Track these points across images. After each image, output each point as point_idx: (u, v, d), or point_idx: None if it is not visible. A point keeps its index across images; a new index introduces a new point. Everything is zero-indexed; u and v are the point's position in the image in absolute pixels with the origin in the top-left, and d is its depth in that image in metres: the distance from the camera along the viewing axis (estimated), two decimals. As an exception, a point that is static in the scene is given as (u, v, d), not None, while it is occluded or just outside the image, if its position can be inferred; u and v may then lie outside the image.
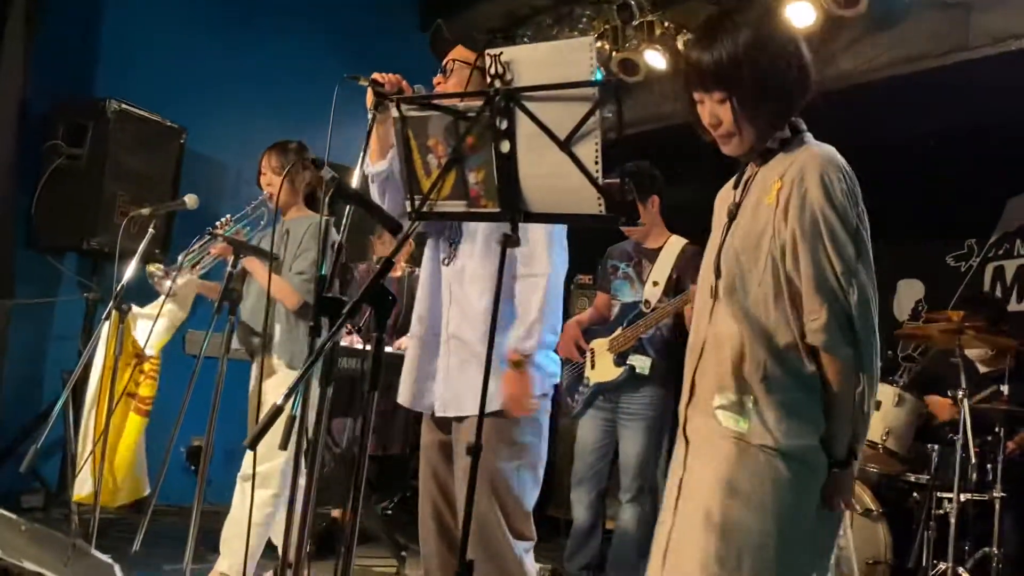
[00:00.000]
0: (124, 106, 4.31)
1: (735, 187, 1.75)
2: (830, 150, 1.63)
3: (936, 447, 3.81)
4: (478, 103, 1.49)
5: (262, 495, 3.20)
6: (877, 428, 3.77)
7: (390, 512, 5.08)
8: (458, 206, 1.57)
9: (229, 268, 2.68)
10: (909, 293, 5.96)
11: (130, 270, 3.11)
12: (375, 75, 2.34)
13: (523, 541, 2.29)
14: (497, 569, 2.22)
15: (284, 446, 2.16)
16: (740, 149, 1.66)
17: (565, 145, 1.39)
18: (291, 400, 2.15)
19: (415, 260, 5.20)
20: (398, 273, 4.89)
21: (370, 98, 2.33)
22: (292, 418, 2.16)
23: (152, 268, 2.97)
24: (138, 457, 3.33)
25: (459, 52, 2.41)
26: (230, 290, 2.65)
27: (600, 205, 1.38)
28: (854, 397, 1.56)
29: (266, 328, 2.94)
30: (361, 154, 2.34)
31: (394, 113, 1.59)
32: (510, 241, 1.47)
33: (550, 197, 1.44)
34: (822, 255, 1.55)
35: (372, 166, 2.35)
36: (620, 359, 3.51)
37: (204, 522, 4.56)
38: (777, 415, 1.57)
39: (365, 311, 4.75)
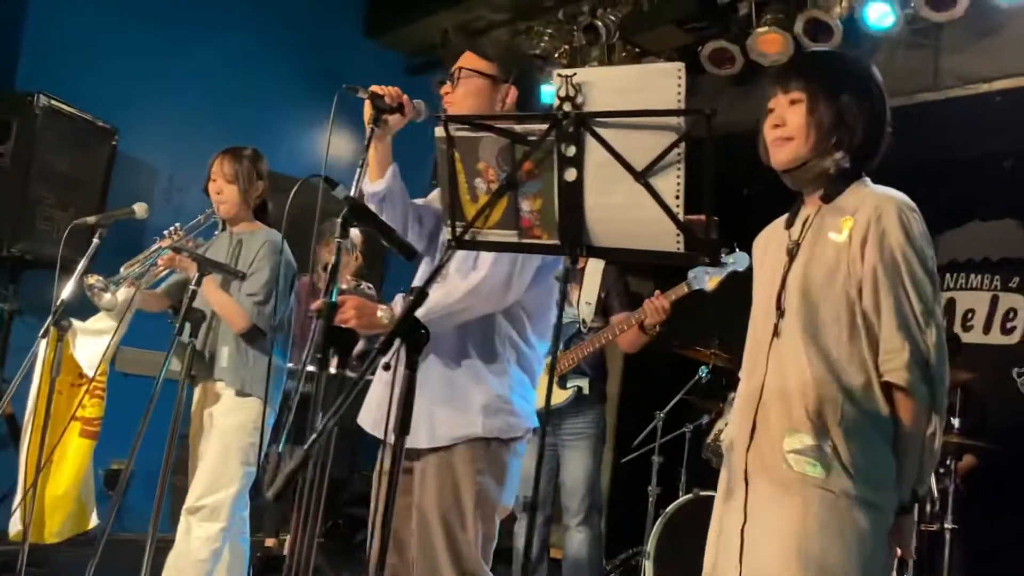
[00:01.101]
0: (54, 102, 3.99)
1: (787, 226, 1.73)
2: (900, 193, 1.65)
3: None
4: (539, 126, 1.37)
5: (209, 529, 2.97)
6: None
7: (322, 540, 4.85)
8: (508, 236, 1.44)
9: (192, 286, 2.46)
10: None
11: (71, 283, 2.84)
12: (375, 88, 2.19)
13: None
14: None
15: (276, 495, 1.99)
16: (790, 156, 1.67)
17: (642, 177, 1.28)
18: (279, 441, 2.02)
19: (361, 274, 5.00)
20: (343, 286, 4.68)
21: (368, 112, 2.18)
22: (279, 455, 2.00)
23: (91, 280, 2.70)
24: (85, 485, 3.03)
25: (468, 59, 2.28)
26: (193, 309, 2.43)
27: (679, 242, 1.28)
28: (925, 438, 1.55)
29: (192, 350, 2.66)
30: (358, 171, 2.18)
31: (439, 133, 1.45)
32: (569, 275, 1.35)
33: (619, 231, 1.33)
34: (902, 294, 1.56)
35: (371, 185, 2.19)
36: (562, 382, 3.51)
37: (120, 553, 4.26)
38: (856, 460, 1.54)
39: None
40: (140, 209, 2.98)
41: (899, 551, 1.58)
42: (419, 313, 2.02)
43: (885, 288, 1.56)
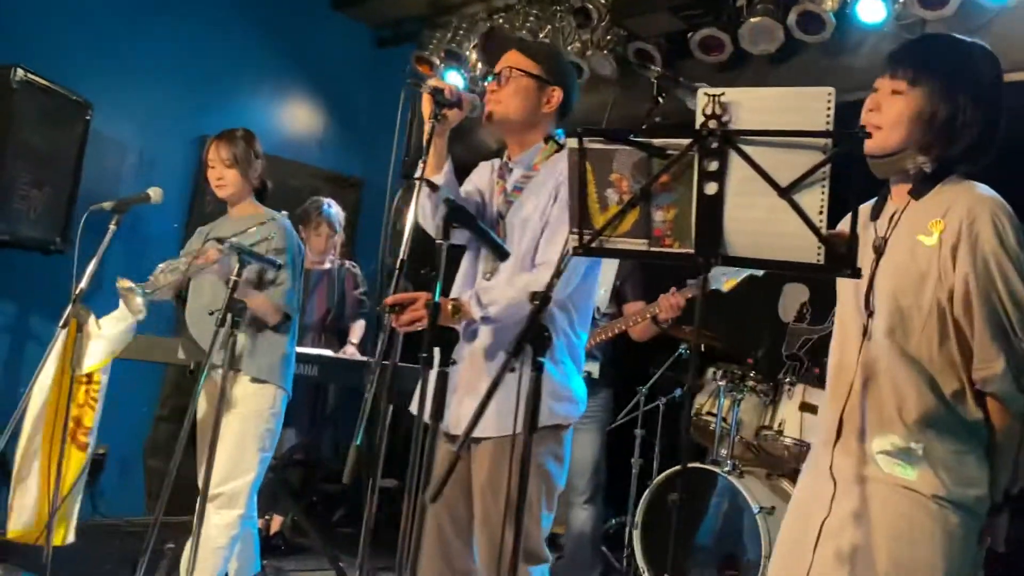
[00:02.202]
0: (30, 75, 3.81)
1: (873, 219, 1.73)
2: (995, 194, 1.62)
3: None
4: (678, 141, 1.43)
5: (228, 516, 2.98)
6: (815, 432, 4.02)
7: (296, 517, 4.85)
8: (637, 244, 1.50)
9: (234, 277, 2.43)
10: (794, 296, 6.36)
11: (89, 271, 2.77)
12: (434, 82, 2.20)
13: (540, 565, 2.25)
14: None
15: (349, 479, 2.03)
16: (875, 145, 1.64)
17: (787, 193, 1.36)
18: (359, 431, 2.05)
19: (347, 252, 4.97)
20: (326, 266, 4.64)
21: (427, 106, 2.19)
22: (357, 448, 2.03)
23: (124, 283, 2.61)
24: (75, 498, 2.95)
25: (515, 59, 2.31)
26: (235, 300, 2.40)
27: (819, 256, 1.36)
28: (1019, 444, 1.58)
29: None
30: (420, 165, 2.20)
31: (572, 144, 1.50)
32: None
33: (758, 243, 1.41)
34: (996, 303, 1.55)
35: (421, 176, 2.21)
36: None
37: (101, 540, 4.18)
38: (948, 464, 1.57)
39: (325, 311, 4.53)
40: (155, 194, 2.92)
41: (988, 541, 1.61)
42: (495, 309, 2.09)
43: (978, 297, 1.54)
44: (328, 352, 4.17)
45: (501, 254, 1.88)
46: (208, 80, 5.03)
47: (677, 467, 4.09)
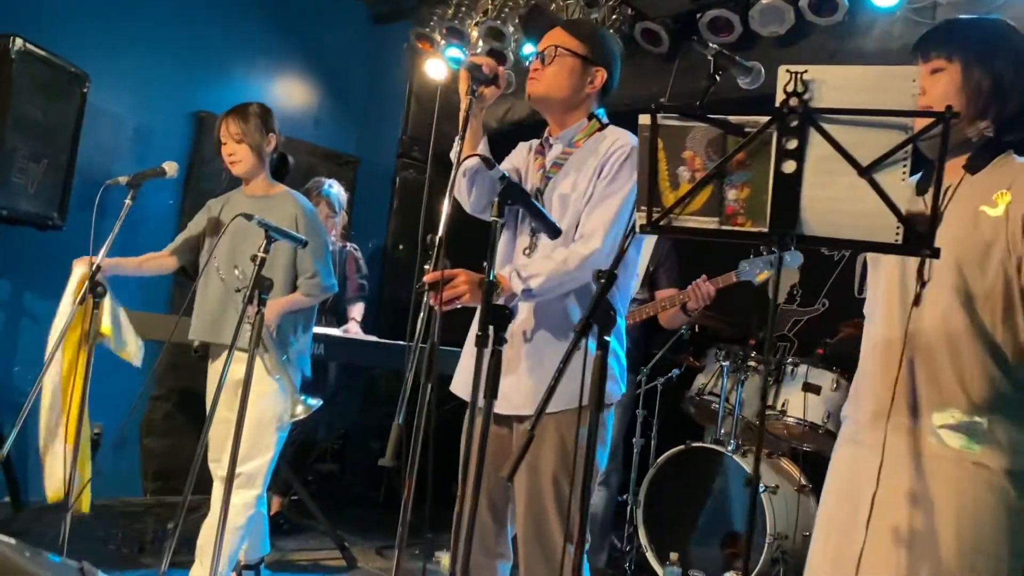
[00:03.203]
0: (29, 45, 3.70)
1: (919, 193, 1.72)
2: None
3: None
4: (756, 118, 1.43)
5: (246, 496, 2.95)
6: (819, 411, 4.07)
7: (295, 498, 4.83)
8: (708, 222, 1.49)
9: (261, 253, 2.38)
10: (785, 278, 6.40)
11: (105, 248, 2.72)
12: (473, 58, 2.17)
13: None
14: (551, 571, 2.18)
15: (391, 460, 2.01)
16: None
17: (867, 172, 1.36)
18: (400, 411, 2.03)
19: (347, 235, 4.92)
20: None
21: (464, 83, 2.16)
22: (399, 427, 2.01)
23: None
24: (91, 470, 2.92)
25: (560, 37, 2.29)
26: (262, 277, 2.36)
27: (898, 235, 1.37)
28: None
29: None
30: (456, 143, 2.17)
31: (644, 120, 1.48)
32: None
33: (835, 222, 1.40)
34: None
35: (467, 160, 2.18)
36: None
37: (102, 520, 4.12)
38: (1012, 437, 1.57)
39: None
40: (170, 168, 2.87)
41: None
42: (535, 283, 2.08)
43: None
44: (334, 331, 4.13)
45: (553, 232, 1.87)
46: (205, 55, 4.94)
47: (680, 447, 4.13)
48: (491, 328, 1.68)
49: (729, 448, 4.01)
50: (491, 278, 1.74)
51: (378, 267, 5.59)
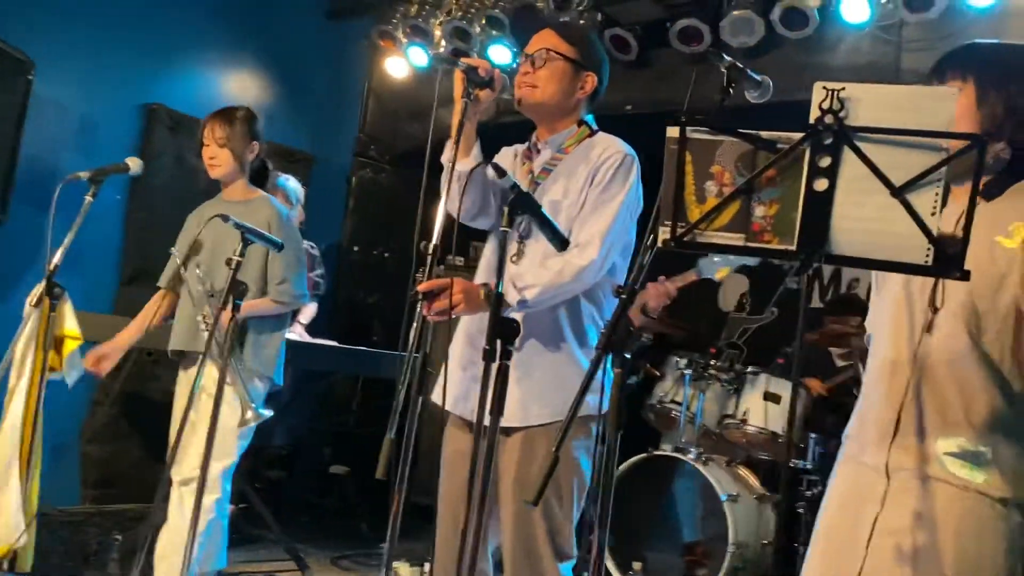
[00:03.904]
0: (-30, 28, 3.50)
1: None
2: None
3: (812, 435, 4.25)
4: (788, 134, 1.40)
5: (205, 501, 2.84)
6: (780, 420, 4.12)
7: (245, 506, 4.69)
8: (734, 239, 1.46)
9: (236, 257, 2.27)
10: (735, 287, 6.50)
11: (64, 246, 2.56)
12: (468, 59, 2.11)
13: (568, 561, 2.22)
14: None
15: (384, 474, 1.95)
16: None
17: (900, 193, 1.34)
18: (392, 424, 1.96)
19: (303, 231, 4.78)
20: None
21: (459, 85, 2.10)
22: (392, 441, 1.95)
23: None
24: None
25: (552, 40, 2.24)
26: (238, 281, 2.26)
27: (928, 257, 1.35)
28: None
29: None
30: (453, 148, 2.11)
31: (672, 133, 1.44)
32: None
33: (865, 241, 1.38)
34: None
35: (459, 164, 2.11)
36: None
37: (39, 531, 3.92)
38: (1015, 466, 1.58)
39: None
40: (134, 164, 2.74)
41: None
42: (531, 293, 2.03)
43: None
44: (294, 335, 4.01)
45: (562, 243, 1.82)
46: (156, 45, 4.74)
47: (642, 455, 4.12)
48: (499, 342, 1.62)
49: (690, 456, 4.03)
50: (499, 290, 1.68)
51: (332, 268, 5.46)
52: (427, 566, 4.07)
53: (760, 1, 3.77)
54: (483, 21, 4.51)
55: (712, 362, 4.42)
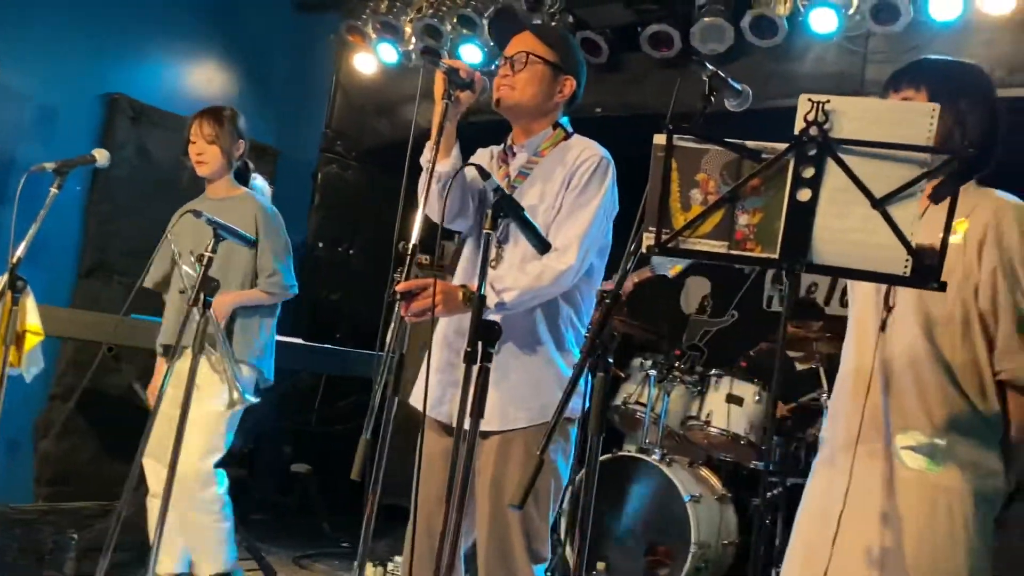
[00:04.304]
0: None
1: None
2: (1016, 199, 1.72)
3: (776, 438, 4.32)
4: (773, 145, 1.43)
5: (211, 492, 2.95)
6: (742, 423, 4.17)
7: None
8: (717, 246, 1.49)
9: (208, 252, 2.24)
10: (697, 289, 6.58)
11: (27, 240, 2.50)
12: (450, 61, 2.11)
13: (540, 563, 2.23)
14: None
15: (359, 475, 1.94)
16: None
17: (881, 205, 1.37)
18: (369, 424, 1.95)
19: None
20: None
21: (440, 86, 2.09)
22: (367, 441, 1.94)
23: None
24: None
25: (531, 43, 2.24)
26: (209, 278, 2.22)
27: (906, 267, 1.39)
28: None
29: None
30: (429, 149, 2.10)
31: (659, 140, 1.46)
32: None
33: (846, 252, 1.41)
34: (1021, 299, 1.64)
35: (439, 165, 2.10)
36: None
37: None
38: (971, 457, 1.65)
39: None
40: (101, 156, 2.69)
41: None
42: (510, 296, 2.03)
43: (1004, 291, 1.63)
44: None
45: (543, 246, 1.82)
46: (119, 34, 4.65)
47: (608, 455, 4.15)
48: (480, 344, 1.62)
49: (654, 457, 4.07)
50: (481, 292, 1.68)
51: (297, 265, 5.40)
52: (390, 565, 4.09)
53: (730, 8, 3.81)
54: (455, 20, 4.49)
55: (676, 364, 4.47)
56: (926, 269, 1.39)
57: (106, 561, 2.25)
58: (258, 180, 4.41)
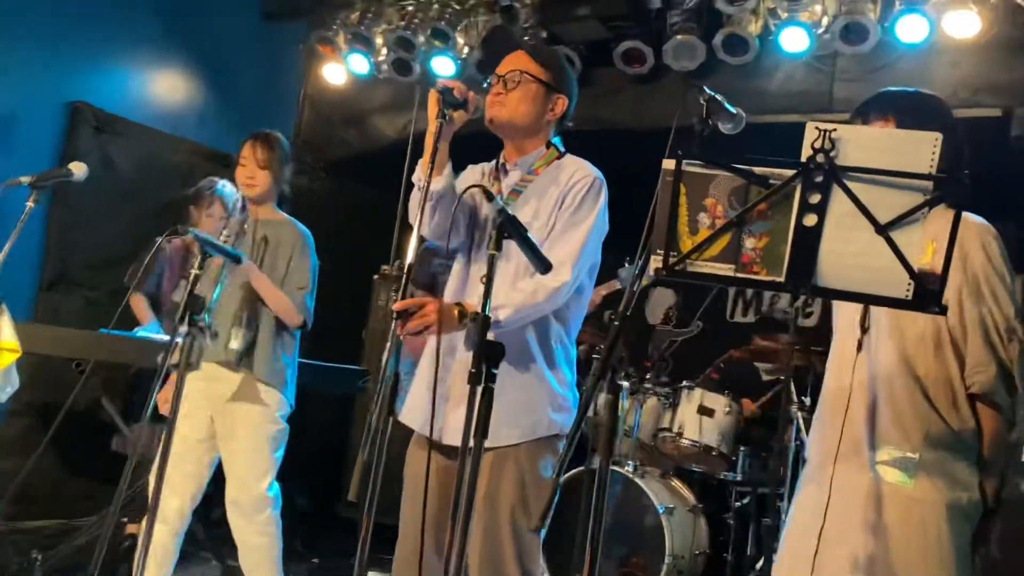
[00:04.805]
0: None
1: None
2: (981, 219, 1.80)
3: (743, 448, 4.39)
4: (780, 171, 1.46)
5: (260, 516, 2.96)
6: (713, 434, 4.23)
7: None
8: (723, 269, 1.51)
9: (195, 271, 2.21)
10: (661, 300, 6.66)
11: (3, 253, 2.44)
12: (444, 81, 2.12)
13: None
14: None
15: (356, 496, 1.93)
16: None
17: (885, 230, 1.41)
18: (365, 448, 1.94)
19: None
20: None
21: (433, 106, 2.09)
22: (364, 462, 1.93)
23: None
24: None
25: (524, 62, 2.25)
26: (195, 296, 2.19)
27: (908, 291, 1.43)
28: (1008, 446, 1.75)
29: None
30: (421, 168, 2.10)
31: (668, 165, 1.48)
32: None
33: (850, 276, 1.45)
34: (986, 312, 1.72)
35: (433, 183, 2.10)
36: None
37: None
38: (943, 470, 1.70)
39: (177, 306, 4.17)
40: (77, 169, 2.63)
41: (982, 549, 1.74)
42: (504, 314, 2.04)
43: (970, 306, 1.72)
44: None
45: (544, 266, 1.83)
46: (81, 41, 4.56)
47: (580, 467, 4.17)
48: (484, 365, 1.62)
49: (627, 469, 4.10)
50: (486, 311, 1.69)
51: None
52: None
53: (702, 26, 3.88)
54: (428, 32, 4.49)
55: (647, 376, 4.51)
56: (927, 293, 1.43)
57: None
58: (227, 187, 4.36)
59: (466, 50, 4.57)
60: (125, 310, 3.91)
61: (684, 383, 4.44)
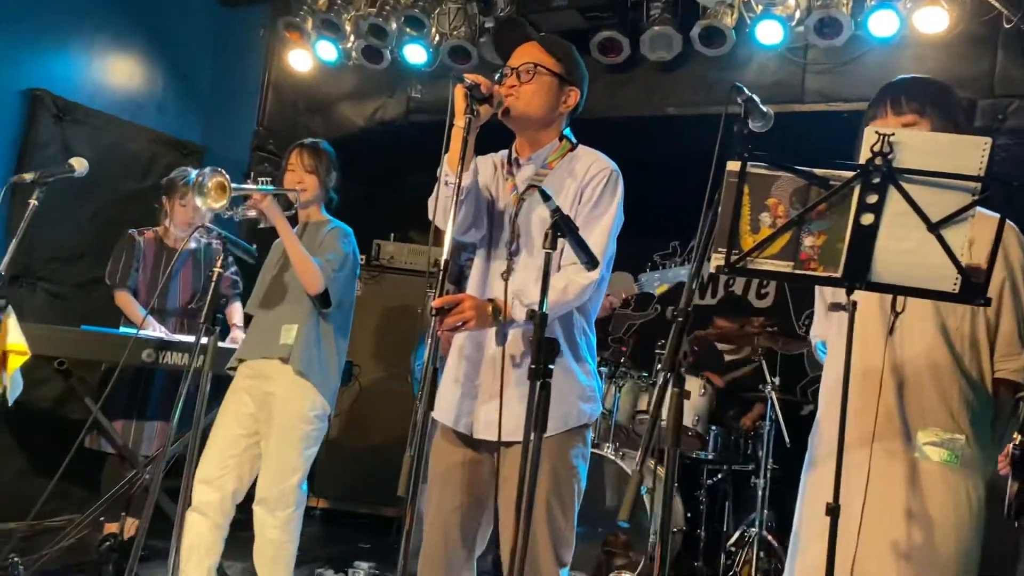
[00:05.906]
0: None
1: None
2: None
3: (714, 428, 4.54)
4: (839, 172, 1.54)
5: (283, 515, 2.96)
6: (689, 416, 4.35)
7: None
8: (782, 266, 1.59)
9: (218, 268, 2.18)
10: (620, 283, 6.76)
11: (10, 252, 2.36)
12: (471, 76, 2.13)
13: (565, 567, 2.30)
14: None
15: (404, 491, 1.96)
16: None
17: (935, 228, 1.51)
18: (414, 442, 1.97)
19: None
20: (192, 245, 4.20)
21: (461, 101, 2.10)
22: (411, 457, 1.96)
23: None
24: None
25: (537, 54, 2.28)
26: (218, 295, 2.17)
27: (955, 285, 1.53)
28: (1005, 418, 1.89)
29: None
30: (447, 163, 2.12)
31: (733, 167, 1.55)
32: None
33: (902, 272, 1.55)
34: (1022, 306, 1.85)
35: (463, 178, 2.12)
36: None
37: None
38: (983, 448, 1.84)
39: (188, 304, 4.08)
40: (79, 164, 2.56)
41: None
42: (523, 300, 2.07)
43: (1008, 300, 1.84)
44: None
45: (592, 263, 1.88)
46: (38, 27, 4.39)
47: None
48: (543, 361, 1.67)
49: (608, 451, 4.19)
50: (543, 309, 1.73)
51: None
52: (350, 572, 4.07)
53: (679, 17, 3.96)
54: (401, 20, 4.47)
55: (622, 359, 4.61)
56: (974, 287, 1.54)
57: None
58: (193, 174, 4.27)
59: (438, 38, 4.56)
60: (108, 307, 3.81)
61: (659, 366, 4.55)
